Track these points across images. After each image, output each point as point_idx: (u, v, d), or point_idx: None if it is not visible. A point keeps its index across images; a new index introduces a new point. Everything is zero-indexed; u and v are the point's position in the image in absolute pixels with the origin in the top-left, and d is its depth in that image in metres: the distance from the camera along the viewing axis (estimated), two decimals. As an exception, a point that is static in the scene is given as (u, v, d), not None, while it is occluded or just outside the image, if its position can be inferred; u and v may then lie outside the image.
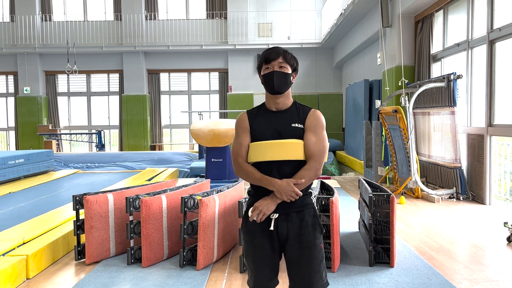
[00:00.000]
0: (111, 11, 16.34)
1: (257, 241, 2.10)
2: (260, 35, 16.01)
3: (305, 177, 2.03)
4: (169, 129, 17.05)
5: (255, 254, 2.12)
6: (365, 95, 11.30)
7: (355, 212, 5.54)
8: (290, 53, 2.15)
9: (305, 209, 2.10)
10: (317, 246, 2.08)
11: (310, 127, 2.09)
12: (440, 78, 6.87)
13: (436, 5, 7.64)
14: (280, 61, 2.10)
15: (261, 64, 2.15)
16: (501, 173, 6.24)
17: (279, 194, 2.00)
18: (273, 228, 2.06)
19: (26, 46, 15.83)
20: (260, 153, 2.08)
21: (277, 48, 2.13)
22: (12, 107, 16.68)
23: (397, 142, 7.38)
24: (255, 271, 2.14)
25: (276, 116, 2.13)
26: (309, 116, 2.12)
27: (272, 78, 2.09)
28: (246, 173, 2.10)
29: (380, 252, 3.88)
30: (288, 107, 2.15)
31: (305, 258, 2.06)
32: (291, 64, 2.13)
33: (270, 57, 2.11)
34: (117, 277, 3.59)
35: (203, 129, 7.74)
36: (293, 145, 2.06)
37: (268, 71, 2.11)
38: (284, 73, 2.10)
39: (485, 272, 3.61)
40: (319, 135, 2.09)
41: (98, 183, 8.48)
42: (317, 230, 2.11)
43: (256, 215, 2.02)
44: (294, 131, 2.08)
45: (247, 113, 2.20)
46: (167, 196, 4.03)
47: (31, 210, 5.84)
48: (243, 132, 2.15)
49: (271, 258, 2.11)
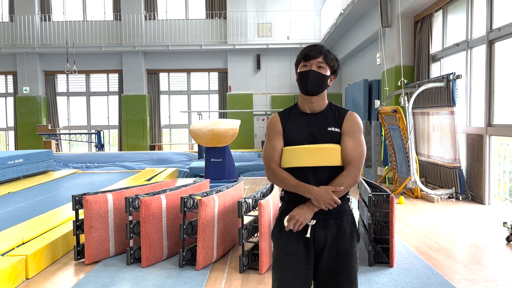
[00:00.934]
0: (111, 11, 16.33)
1: (291, 249, 1.96)
2: (259, 35, 16.01)
3: (344, 184, 1.93)
4: (169, 129, 17.04)
5: (287, 263, 1.97)
6: (364, 95, 11.29)
7: (355, 212, 5.54)
8: (333, 54, 2.02)
9: (344, 216, 2.00)
10: (354, 254, 1.98)
11: (347, 131, 1.98)
12: (440, 78, 6.87)
13: (435, 5, 7.64)
14: (319, 61, 1.97)
15: (299, 60, 2.02)
16: (500, 173, 6.25)
17: (317, 202, 1.90)
18: (310, 236, 1.94)
19: (26, 46, 15.82)
20: (295, 158, 1.96)
21: (319, 46, 1.99)
22: (12, 107, 16.66)
23: (396, 142, 7.38)
24: (285, 280, 1.97)
25: (310, 119, 2.01)
26: (346, 119, 2.00)
27: (308, 78, 1.96)
28: (281, 179, 1.98)
29: (380, 252, 3.89)
30: (323, 109, 2.04)
31: (342, 267, 1.95)
32: (332, 65, 2.00)
33: (310, 55, 1.97)
34: (116, 277, 3.59)
35: (203, 129, 7.74)
36: (331, 150, 1.95)
37: (305, 69, 1.98)
38: (321, 74, 1.97)
39: (485, 272, 3.61)
40: (357, 140, 1.98)
41: (98, 183, 8.48)
42: (354, 238, 2.00)
43: (292, 224, 1.92)
44: (330, 135, 1.97)
45: (279, 115, 2.07)
46: (166, 196, 4.03)
47: (30, 210, 5.84)
48: (275, 136, 2.02)
49: (305, 268, 1.96)
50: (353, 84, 12.80)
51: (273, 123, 2.05)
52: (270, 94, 16.38)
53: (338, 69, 2.05)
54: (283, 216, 2.01)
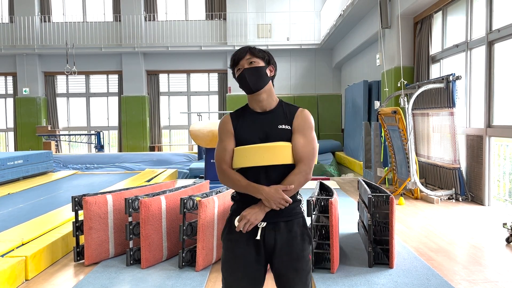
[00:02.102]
0: (110, 12, 16.34)
1: (240, 250, 1.95)
2: (259, 36, 16.02)
3: (294, 182, 1.91)
4: (168, 130, 17.04)
5: (235, 265, 1.97)
6: (364, 96, 11.30)
7: (355, 213, 5.54)
8: (258, 48, 2.02)
9: (294, 219, 1.98)
10: (305, 257, 1.98)
11: (298, 129, 1.96)
12: (439, 79, 6.87)
13: (435, 6, 7.65)
14: (248, 58, 1.97)
15: (232, 68, 2.03)
16: (500, 174, 6.25)
17: (267, 202, 1.88)
18: (260, 238, 1.93)
19: (25, 47, 15.83)
20: (245, 158, 1.94)
21: (243, 47, 2.01)
22: (11, 108, 16.66)
23: (396, 143, 7.38)
24: (233, 283, 1.97)
25: (261, 118, 1.99)
26: (296, 116, 1.98)
27: (245, 77, 1.95)
28: (231, 181, 1.97)
29: (379, 253, 3.88)
30: (274, 107, 2.01)
31: (292, 270, 1.96)
32: (262, 57, 1.99)
33: (237, 58, 1.98)
34: (116, 278, 3.59)
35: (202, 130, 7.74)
36: (281, 149, 1.93)
37: (239, 72, 1.98)
38: (255, 67, 1.96)
39: (484, 273, 3.61)
40: (308, 137, 1.96)
41: (97, 184, 8.47)
42: (306, 241, 1.99)
43: (243, 224, 1.89)
44: (281, 133, 1.95)
45: (230, 115, 2.06)
46: (166, 197, 4.03)
47: (30, 211, 5.83)
48: (226, 137, 2.01)
49: (254, 270, 1.96)
50: (353, 85, 12.81)
51: (224, 123, 2.03)
52: (270, 95, 16.36)
53: (271, 59, 2.04)
54: (233, 216, 2.00)
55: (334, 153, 14.19)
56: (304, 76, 16.38)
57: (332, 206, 3.58)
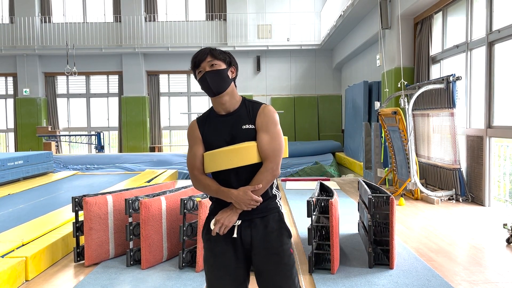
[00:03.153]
0: (111, 13, 16.35)
1: (219, 249, 1.98)
2: (259, 36, 16.03)
3: (262, 181, 1.92)
4: (169, 130, 17.05)
5: (216, 263, 1.99)
6: (364, 97, 11.30)
7: (355, 214, 5.54)
8: (219, 49, 2.00)
9: (269, 214, 1.99)
10: (285, 251, 1.98)
11: (261, 126, 1.96)
12: (439, 79, 6.87)
13: (435, 6, 7.65)
14: (209, 60, 1.96)
15: (193, 71, 2.01)
16: (501, 174, 6.25)
17: (238, 204, 1.91)
18: (237, 236, 1.95)
19: (26, 47, 15.84)
20: (215, 163, 1.96)
21: (203, 49, 1.99)
22: (11, 108, 16.67)
23: (396, 143, 7.38)
24: (215, 281, 2.00)
25: (225, 120, 2.00)
26: (259, 114, 1.98)
27: (206, 80, 1.95)
28: (203, 186, 1.99)
29: (380, 254, 3.88)
30: (236, 107, 2.02)
31: (272, 265, 1.96)
32: (223, 59, 1.98)
33: (198, 60, 1.97)
34: (116, 279, 3.59)
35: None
36: (246, 149, 1.93)
37: (201, 74, 1.97)
38: (216, 70, 1.95)
39: (485, 274, 3.61)
40: (272, 133, 1.96)
41: (97, 185, 8.48)
42: (284, 235, 1.99)
43: (218, 228, 1.93)
44: (246, 133, 1.96)
45: (196, 121, 2.08)
46: (166, 197, 4.03)
47: (30, 212, 5.83)
48: (195, 143, 2.03)
49: (234, 267, 1.98)
50: (353, 85, 12.81)
51: (192, 130, 2.05)
52: (270, 95, 16.39)
53: (232, 60, 2.03)
54: (211, 216, 2.03)
55: (334, 153, 14.19)
56: (304, 76, 16.38)
57: (332, 206, 3.58)
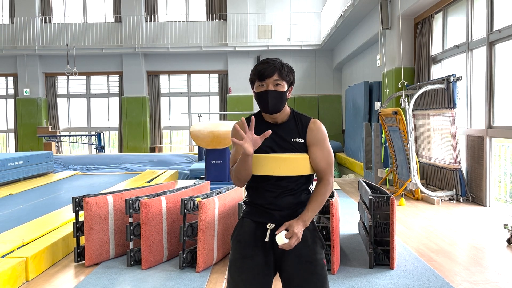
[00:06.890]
0: (111, 13, 16.35)
1: (249, 251, 1.93)
2: (259, 36, 16.02)
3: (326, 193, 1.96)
4: (169, 130, 17.05)
5: (244, 266, 1.93)
6: (364, 97, 11.30)
7: (355, 214, 5.54)
8: (287, 66, 1.95)
9: None
10: (318, 261, 1.92)
11: (314, 142, 1.97)
12: (440, 80, 6.87)
13: (435, 6, 7.65)
14: (275, 79, 1.91)
15: (253, 79, 1.95)
16: (501, 174, 6.25)
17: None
18: (268, 240, 1.90)
19: (26, 48, 15.84)
20: (261, 167, 1.93)
21: (272, 62, 1.92)
22: (12, 108, 16.67)
23: (397, 143, 7.38)
24: (241, 283, 1.92)
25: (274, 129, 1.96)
26: (310, 129, 1.98)
27: (267, 98, 1.91)
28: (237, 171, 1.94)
29: (380, 254, 3.88)
30: (286, 119, 2.00)
31: (304, 273, 1.89)
32: (288, 80, 1.95)
33: (265, 74, 1.90)
34: (116, 279, 3.59)
35: (203, 131, 7.74)
36: (297, 160, 1.94)
37: (262, 89, 1.92)
38: (279, 92, 1.92)
39: (485, 274, 3.61)
40: (325, 148, 1.98)
41: (98, 185, 8.48)
42: (317, 244, 1.96)
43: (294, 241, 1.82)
44: (295, 146, 1.96)
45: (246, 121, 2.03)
46: (166, 198, 4.03)
47: (30, 212, 5.83)
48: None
49: (263, 273, 1.92)
50: (354, 86, 12.81)
51: (237, 130, 1.99)
52: (270, 95, 16.35)
53: (294, 79, 2.00)
54: (245, 219, 2.01)
55: (335, 154, 14.19)
56: (305, 76, 16.37)
57: (333, 207, 3.58)
